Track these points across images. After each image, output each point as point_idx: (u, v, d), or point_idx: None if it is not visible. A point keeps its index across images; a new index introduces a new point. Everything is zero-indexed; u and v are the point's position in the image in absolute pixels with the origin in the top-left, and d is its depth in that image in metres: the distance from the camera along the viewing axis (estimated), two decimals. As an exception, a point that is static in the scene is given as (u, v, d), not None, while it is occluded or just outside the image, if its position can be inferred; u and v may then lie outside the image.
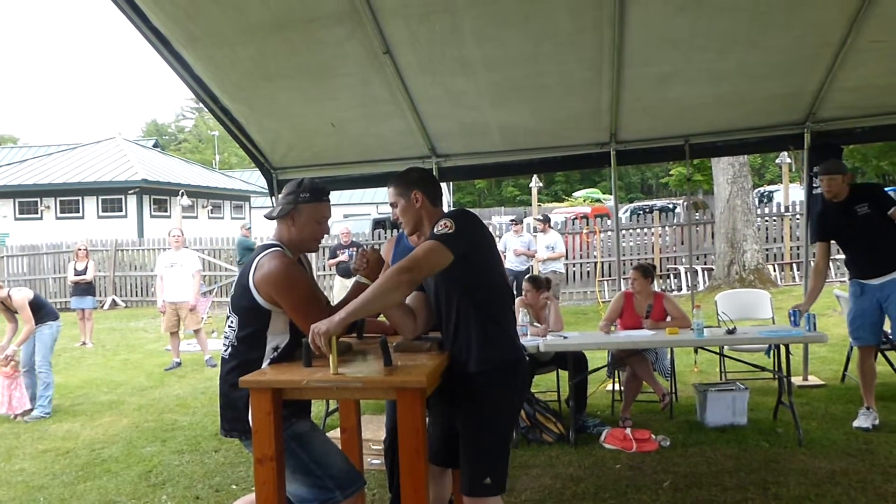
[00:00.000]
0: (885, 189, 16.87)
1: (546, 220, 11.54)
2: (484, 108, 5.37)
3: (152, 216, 22.01)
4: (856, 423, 4.77)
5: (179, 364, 8.55)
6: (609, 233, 14.21)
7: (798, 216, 12.94)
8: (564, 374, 5.38)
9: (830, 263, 12.91)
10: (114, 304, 16.62)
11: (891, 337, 5.67)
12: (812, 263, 5.34)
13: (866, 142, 16.95)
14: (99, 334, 11.55)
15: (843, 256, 13.83)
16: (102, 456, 5.09)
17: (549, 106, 5.39)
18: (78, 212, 21.83)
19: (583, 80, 4.98)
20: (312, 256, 13.98)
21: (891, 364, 5.86)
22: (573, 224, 14.95)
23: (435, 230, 2.49)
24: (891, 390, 5.60)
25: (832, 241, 5.07)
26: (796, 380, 5.91)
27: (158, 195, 22.27)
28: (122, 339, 11.49)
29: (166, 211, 22.58)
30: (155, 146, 31.57)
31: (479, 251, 2.56)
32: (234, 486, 4.31)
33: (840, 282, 12.40)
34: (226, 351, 2.64)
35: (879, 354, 5.66)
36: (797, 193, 14.40)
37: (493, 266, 2.67)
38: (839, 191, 4.77)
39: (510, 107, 5.38)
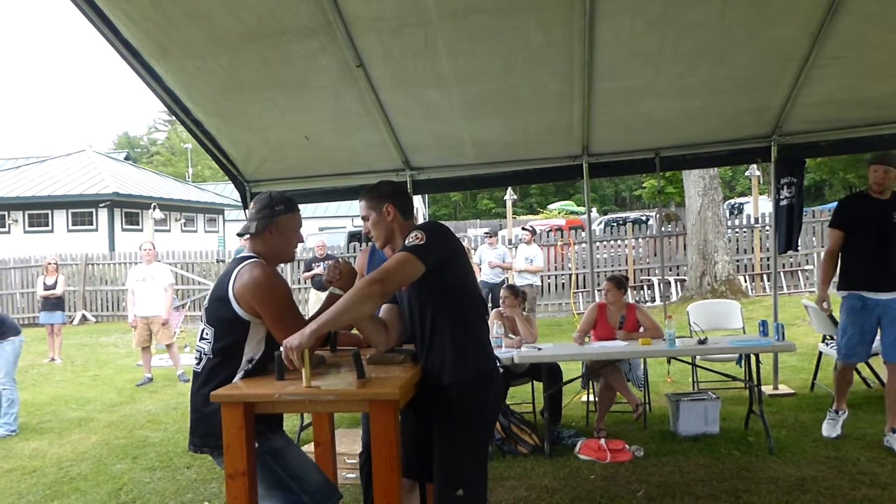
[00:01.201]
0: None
1: (533, 231, 11.59)
2: (457, 121, 5.41)
3: (124, 230, 21.72)
4: (824, 432, 4.80)
5: (151, 379, 8.42)
6: (583, 245, 14.33)
7: (768, 227, 13.16)
8: (539, 385, 5.40)
9: (800, 274, 13.20)
10: (84, 318, 16.33)
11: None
12: (820, 256, 5.39)
13: (830, 155, 17.30)
14: (68, 350, 11.34)
15: (811, 266, 13.88)
16: (71, 474, 4.99)
17: (522, 119, 5.44)
18: (47, 225, 21.48)
19: (555, 93, 5.03)
20: (287, 270, 13.87)
21: (859, 373, 5.98)
22: (548, 236, 15.04)
23: (406, 242, 2.50)
24: (858, 398, 5.70)
25: (796, 251, 5.10)
26: (767, 389, 6.00)
27: (130, 208, 22.00)
28: (93, 355, 11.30)
29: (138, 224, 22.30)
30: (127, 159, 31.23)
31: (450, 263, 2.57)
32: (207, 503, 4.25)
33: (809, 292, 12.63)
34: (198, 364, 2.61)
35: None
36: (767, 205, 14.65)
37: (466, 278, 2.68)
38: (888, 186, 4.48)
39: (483, 120, 5.42)
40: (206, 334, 2.59)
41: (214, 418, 2.43)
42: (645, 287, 13.88)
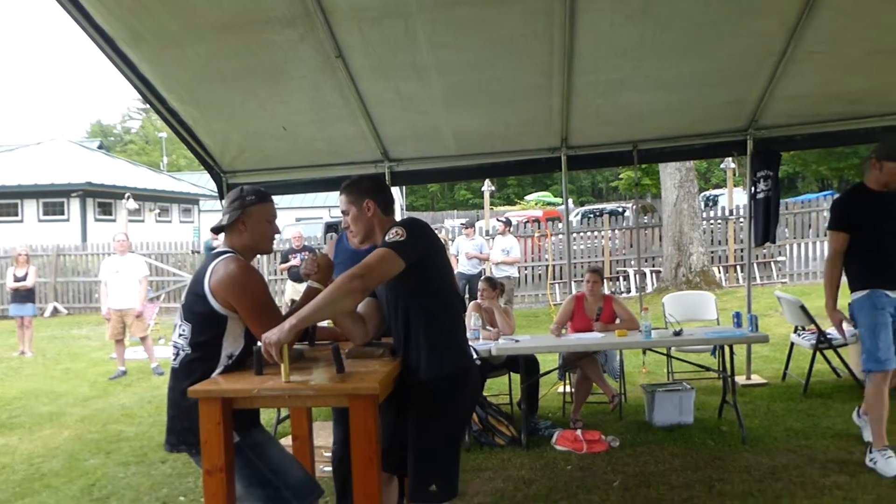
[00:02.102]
0: (823, 193, 17.34)
1: (508, 222, 11.63)
2: (437, 112, 5.39)
3: (97, 220, 21.38)
4: (891, 472, 3.87)
5: (125, 373, 8.32)
6: (560, 236, 14.40)
7: (742, 219, 13.33)
8: (516, 377, 5.42)
9: (773, 265, 13.39)
10: (55, 311, 16.08)
11: (829, 336, 5.90)
12: (793, 248, 5.00)
13: (805, 148, 17.61)
14: (39, 343, 11.15)
15: (784, 258, 14.09)
16: (42, 470, 4.91)
17: (502, 111, 5.44)
18: (17, 215, 21.06)
19: (535, 85, 5.03)
20: (264, 261, 13.74)
21: (829, 362, 6.10)
22: (525, 227, 15.08)
23: (387, 238, 2.50)
24: (828, 388, 5.82)
25: (771, 243, 4.89)
26: (740, 379, 6.10)
27: (103, 198, 21.65)
28: (64, 348, 11.12)
29: (111, 214, 21.95)
30: (100, 147, 30.63)
31: (430, 260, 2.57)
32: (182, 498, 4.22)
33: (781, 283, 12.84)
34: (176, 360, 2.58)
35: (818, 353, 5.90)
36: (741, 197, 14.82)
37: (444, 275, 2.68)
38: None
39: (463, 111, 5.41)
40: (183, 330, 2.56)
41: (193, 414, 2.40)
42: (621, 278, 13.99)
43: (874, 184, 4.14)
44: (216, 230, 2.73)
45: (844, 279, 4.28)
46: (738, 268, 13.37)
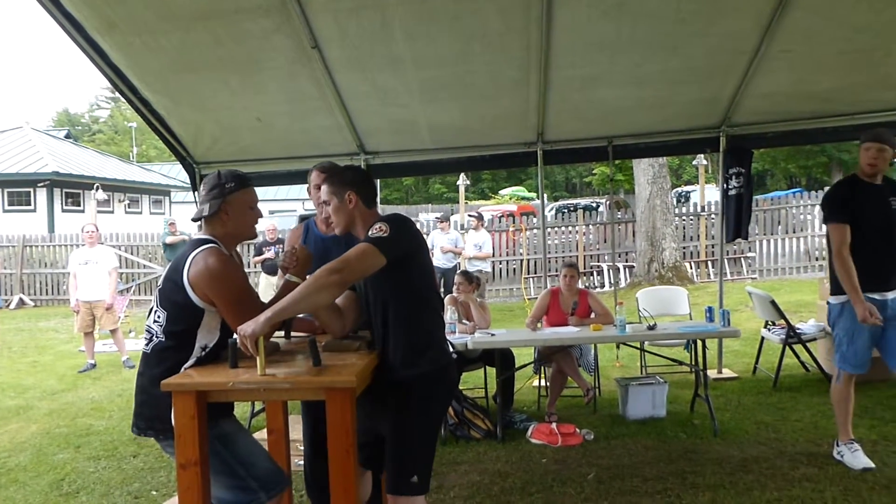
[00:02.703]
0: (792, 191, 17.59)
1: (480, 217, 11.64)
2: (413, 105, 5.36)
3: (64, 210, 20.94)
4: (856, 465, 3.90)
5: (94, 366, 8.18)
6: (535, 230, 14.46)
7: (713, 216, 13.51)
8: (492, 370, 5.44)
9: (743, 261, 13.60)
10: (21, 302, 15.74)
11: (798, 331, 6.01)
12: (763, 244, 4.71)
13: (777, 146, 17.89)
14: (4, 335, 10.93)
15: (754, 254, 14.30)
16: (9, 465, 4.81)
17: (478, 105, 5.43)
18: (-19, 205, 20.57)
19: (511, 79, 5.03)
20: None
21: (797, 357, 6.21)
22: (500, 222, 15.13)
23: (370, 233, 2.48)
24: (797, 381, 5.93)
25: (743, 239, 4.86)
26: (711, 373, 6.17)
27: (71, 188, 21.21)
28: (31, 340, 10.90)
29: (80, 205, 21.52)
30: (67, 137, 30.00)
31: (412, 257, 2.57)
32: (155, 493, 4.16)
33: (751, 279, 13.04)
34: (148, 345, 2.55)
35: (787, 348, 6.01)
36: (713, 194, 15.01)
37: (426, 273, 2.68)
38: (883, 168, 3.89)
39: (439, 105, 5.39)
40: (159, 316, 2.53)
41: (162, 401, 2.37)
42: (594, 273, 14.10)
43: (864, 172, 3.91)
44: (196, 220, 2.67)
45: (814, 275, 4.29)
46: (710, 263, 13.55)
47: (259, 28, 4.27)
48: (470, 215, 11.32)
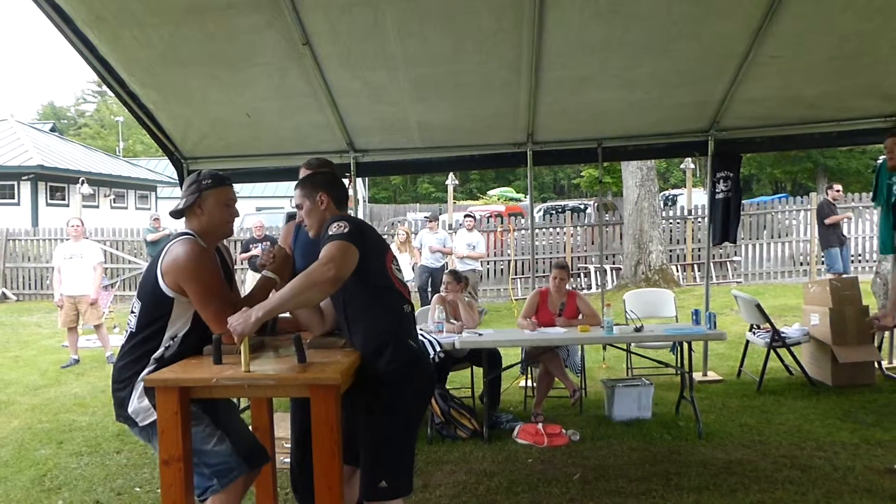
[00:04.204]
0: (777, 196, 17.67)
1: (475, 218, 11.65)
2: (404, 104, 5.35)
3: (48, 204, 20.72)
4: None
5: (77, 361, 8.10)
6: (523, 231, 14.48)
7: (700, 219, 13.59)
8: (479, 370, 5.44)
9: (728, 265, 13.69)
10: (4, 297, 15.58)
11: (783, 334, 6.05)
12: (748, 248, 4.50)
13: (764, 151, 17.97)
14: (-13, 329, 10.80)
15: (739, 258, 14.39)
16: (-10, 460, 4.76)
17: (469, 104, 5.43)
18: (-37, 198, 20.31)
19: (502, 80, 5.04)
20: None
21: (782, 360, 6.26)
22: (488, 222, 15.14)
23: (333, 231, 2.49)
24: (781, 385, 5.97)
25: (730, 243, 4.80)
26: (697, 375, 6.21)
27: (56, 182, 20.99)
28: (14, 335, 10.78)
29: (64, 199, 21.30)
30: (52, 130, 29.68)
31: (367, 252, 2.55)
32: (138, 489, 4.13)
33: (736, 282, 13.13)
34: (126, 335, 2.61)
35: (772, 352, 6.05)
36: (699, 197, 15.11)
37: (380, 269, 2.64)
38: None
39: (430, 104, 5.39)
40: (135, 308, 2.59)
41: (125, 391, 2.48)
42: (582, 274, 14.15)
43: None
44: (174, 214, 2.71)
45: (798, 280, 4.27)
46: (696, 267, 13.63)
47: (250, 23, 4.25)
48: (466, 216, 11.32)
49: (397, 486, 2.52)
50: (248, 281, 11.06)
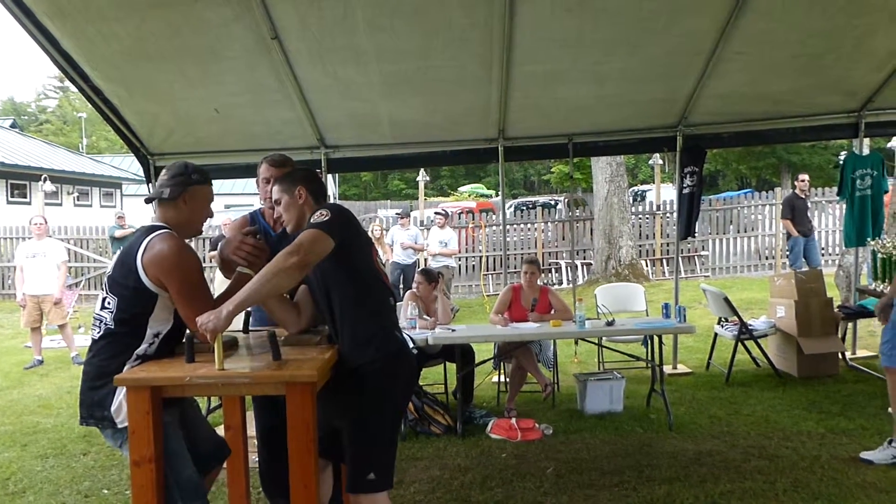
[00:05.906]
0: (743, 191, 17.91)
1: (446, 215, 11.63)
2: (375, 99, 5.32)
3: (9, 202, 20.20)
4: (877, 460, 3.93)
5: (41, 362, 7.92)
6: (494, 227, 14.52)
7: (668, 215, 13.75)
8: (452, 366, 5.44)
9: (696, 259, 13.89)
10: (-37, 297, 15.16)
11: (750, 327, 6.15)
12: (716, 242, 4.46)
13: (731, 146, 18.28)
14: (-54, 331, 10.51)
15: (707, 252, 14.57)
16: (-49, 464, 4.63)
17: (440, 100, 5.42)
18: (-80, 196, 19.72)
19: (474, 75, 5.03)
20: (194, 248, 13.39)
21: (749, 353, 6.37)
22: (459, 218, 15.14)
23: (313, 219, 2.48)
24: (748, 377, 6.08)
25: (693, 237, 4.87)
26: (667, 368, 6.28)
27: (17, 179, 20.48)
28: (-26, 336, 10.51)
29: (26, 197, 20.80)
30: (13, 126, 28.96)
31: (354, 245, 2.56)
32: (106, 491, 4.05)
33: (704, 276, 13.32)
34: (97, 332, 2.48)
35: (739, 344, 6.15)
36: (668, 193, 15.28)
37: (368, 263, 2.65)
38: None
39: (401, 99, 5.36)
40: (108, 303, 2.46)
41: (104, 389, 2.36)
42: (553, 270, 14.23)
43: None
44: (150, 200, 2.63)
45: (764, 273, 4.34)
46: (665, 261, 13.80)
47: (218, 17, 4.18)
48: (437, 213, 11.30)
49: (385, 478, 2.53)
50: (216, 279, 10.90)
